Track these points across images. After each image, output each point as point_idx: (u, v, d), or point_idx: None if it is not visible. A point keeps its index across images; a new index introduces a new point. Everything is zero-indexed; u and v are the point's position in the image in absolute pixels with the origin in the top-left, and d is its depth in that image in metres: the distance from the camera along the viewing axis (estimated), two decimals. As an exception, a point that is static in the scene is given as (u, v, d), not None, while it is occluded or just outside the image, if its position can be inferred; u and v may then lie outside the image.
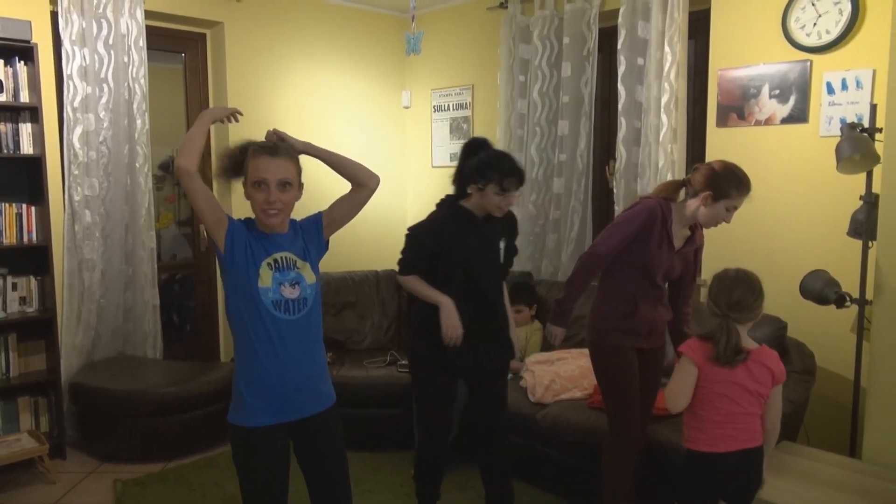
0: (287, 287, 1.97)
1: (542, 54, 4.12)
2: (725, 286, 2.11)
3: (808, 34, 3.15)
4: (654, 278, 2.54)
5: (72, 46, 3.56)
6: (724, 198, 2.40)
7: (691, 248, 2.61)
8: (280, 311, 1.95)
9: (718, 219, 2.46)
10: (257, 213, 1.98)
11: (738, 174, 2.43)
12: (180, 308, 4.97)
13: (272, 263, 1.97)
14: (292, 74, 4.56)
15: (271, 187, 1.93)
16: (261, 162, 1.93)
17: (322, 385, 2.08)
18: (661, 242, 2.50)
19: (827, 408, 3.10)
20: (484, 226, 2.60)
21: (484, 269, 2.59)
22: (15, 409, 3.48)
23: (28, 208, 3.44)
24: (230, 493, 3.15)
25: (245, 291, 1.94)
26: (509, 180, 2.48)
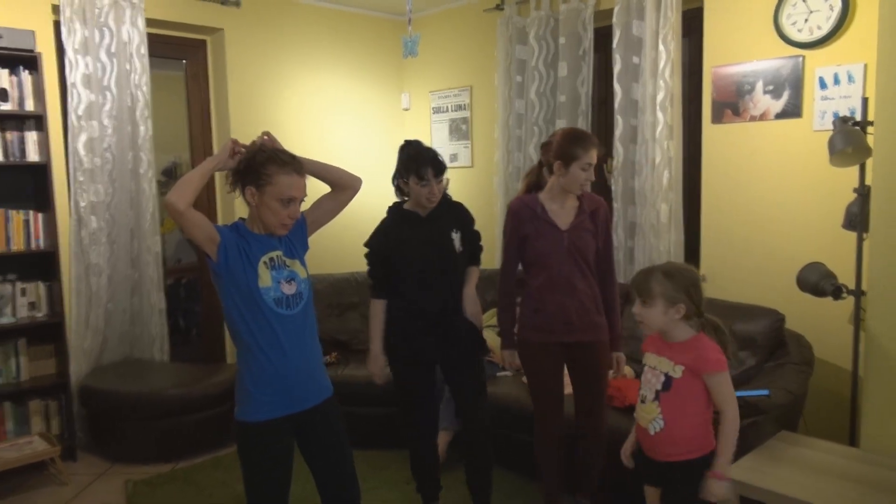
0: (285, 284, 2.04)
1: (539, 55, 4.17)
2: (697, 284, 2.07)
3: (799, 30, 3.19)
4: (553, 266, 2.59)
5: (75, 55, 3.61)
6: (573, 160, 2.53)
7: (583, 217, 2.62)
8: (282, 308, 2.02)
9: (579, 180, 2.55)
10: (273, 224, 2.03)
11: (576, 133, 2.60)
12: (186, 312, 5.03)
13: (268, 262, 2.03)
14: (292, 79, 4.62)
15: (298, 206, 2.03)
16: (292, 180, 2.00)
17: (321, 376, 2.16)
18: (540, 231, 2.60)
19: (826, 398, 3.14)
20: (429, 222, 2.71)
21: (435, 263, 2.69)
22: (26, 413, 3.54)
23: (35, 215, 3.49)
24: (238, 493, 3.20)
25: (245, 293, 1.99)
26: (423, 169, 2.60)
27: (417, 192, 2.65)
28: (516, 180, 4.37)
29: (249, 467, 2.08)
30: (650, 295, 2.04)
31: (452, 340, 2.72)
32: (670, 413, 2.04)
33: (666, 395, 2.05)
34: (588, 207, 2.65)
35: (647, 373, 2.14)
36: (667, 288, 2.03)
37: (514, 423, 3.19)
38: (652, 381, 2.10)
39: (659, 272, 2.07)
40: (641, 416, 2.12)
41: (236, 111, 4.35)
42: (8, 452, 3.28)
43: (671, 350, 2.08)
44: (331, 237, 4.73)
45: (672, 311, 2.03)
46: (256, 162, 2.02)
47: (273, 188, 1.99)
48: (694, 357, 2.02)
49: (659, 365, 2.10)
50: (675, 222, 3.63)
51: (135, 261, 3.96)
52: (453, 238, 2.72)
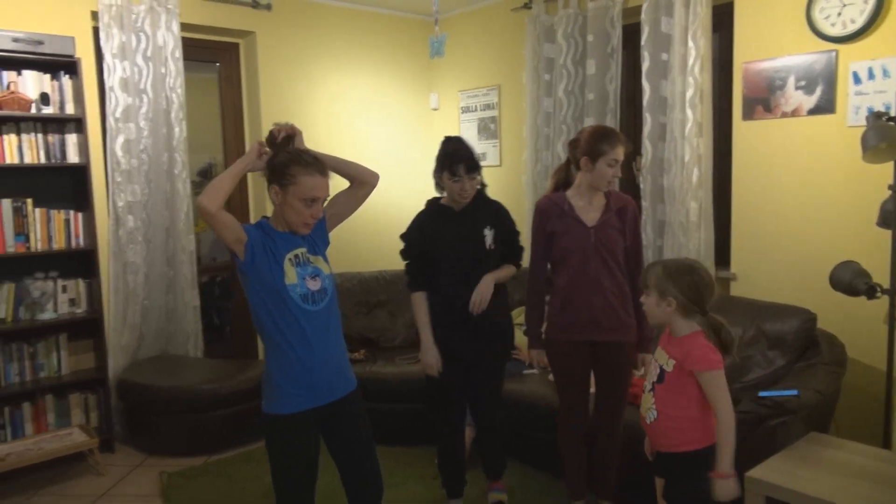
0: (310, 280, 2.09)
1: (567, 53, 4.16)
2: (706, 283, 2.06)
3: (833, 24, 3.13)
4: (579, 263, 2.60)
5: (113, 60, 3.72)
6: (600, 156, 2.55)
7: (610, 215, 2.63)
8: (308, 304, 2.07)
9: (606, 177, 2.57)
10: (296, 223, 2.08)
11: (603, 130, 2.61)
12: (220, 309, 5.13)
13: (293, 259, 2.08)
14: (322, 80, 4.68)
15: (321, 205, 2.08)
16: (315, 181, 2.05)
17: (346, 370, 2.21)
18: (567, 228, 2.62)
19: (859, 399, 3.08)
20: (462, 217, 2.77)
21: (467, 258, 2.75)
22: (67, 405, 3.66)
23: (75, 215, 3.61)
24: (268, 486, 3.24)
25: (272, 290, 2.04)
26: (456, 165, 2.67)
27: (450, 187, 2.74)
28: (544, 179, 4.37)
29: (277, 459, 2.13)
30: (646, 285, 2.11)
31: (481, 337, 2.77)
32: (662, 405, 2.07)
33: (659, 387, 2.08)
34: (615, 205, 2.66)
35: (651, 364, 2.19)
36: (660, 281, 2.05)
37: (539, 420, 3.20)
38: (652, 372, 2.14)
39: (660, 265, 2.10)
40: (642, 405, 2.17)
41: (268, 112, 4.43)
42: (50, 443, 3.40)
43: (670, 344, 2.10)
44: (360, 236, 4.80)
45: (664, 304, 2.05)
46: (281, 162, 2.07)
47: (297, 188, 2.04)
48: (684, 353, 2.03)
49: (658, 357, 2.13)
50: (705, 220, 3.58)
51: (170, 259, 4.06)
52: (485, 234, 2.77)
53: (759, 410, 2.54)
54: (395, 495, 3.10)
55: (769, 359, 3.03)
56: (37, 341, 3.58)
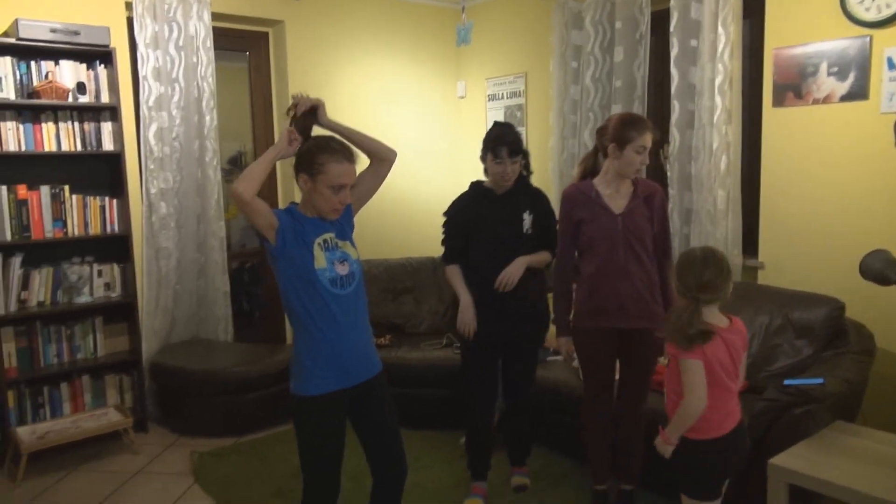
0: (338, 264, 2.13)
1: (595, 40, 4.14)
2: (695, 267, 2.06)
3: (867, 9, 3.07)
4: (607, 251, 2.60)
5: (146, 49, 3.80)
6: (628, 143, 2.55)
7: (637, 202, 2.64)
8: (336, 288, 2.11)
9: (634, 164, 2.57)
10: (325, 209, 2.13)
11: (631, 117, 2.62)
12: (250, 295, 5.22)
13: (322, 244, 2.13)
14: (350, 68, 4.72)
15: (348, 191, 2.12)
16: (343, 168, 2.10)
17: (372, 353, 2.25)
18: (594, 216, 2.62)
19: (888, 389, 3.04)
20: (503, 200, 2.84)
21: (504, 240, 2.81)
22: (102, 386, 3.78)
23: (110, 201, 3.71)
24: (297, 466, 3.27)
25: (302, 274, 2.09)
26: (499, 148, 2.75)
27: (493, 169, 2.81)
28: (571, 167, 4.36)
29: (305, 439, 2.18)
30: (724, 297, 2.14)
31: (517, 319, 2.83)
32: (668, 387, 2.17)
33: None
34: (642, 192, 2.66)
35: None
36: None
37: (563, 406, 3.22)
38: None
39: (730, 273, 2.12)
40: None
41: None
42: (87, 422, 3.52)
43: None
44: (386, 223, 4.85)
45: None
46: (309, 150, 2.11)
47: (325, 176, 2.08)
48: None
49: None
50: (733, 209, 3.55)
51: (201, 245, 4.15)
52: (524, 218, 2.84)
53: (783, 398, 2.53)
54: (420, 478, 3.15)
55: (796, 347, 3.01)
56: (74, 324, 3.70)
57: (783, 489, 2.28)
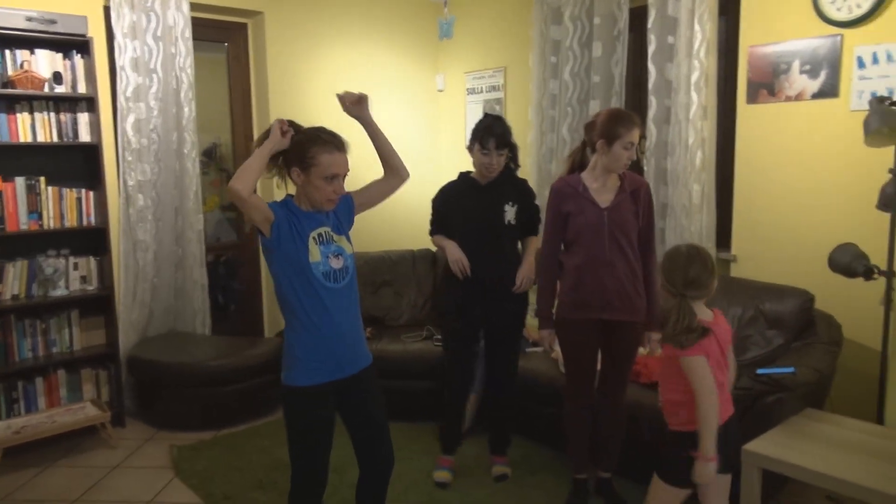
0: (332, 258, 2.15)
1: (574, 35, 4.18)
2: (680, 264, 2.09)
3: (838, 8, 3.15)
4: (593, 244, 2.64)
5: (123, 39, 3.76)
6: (616, 139, 2.59)
7: (624, 196, 2.68)
8: (330, 281, 2.13)
9: (622, 159, 2.62)
10: (320, 200, 2.13)
11: (619, 113, 2.65)
12: (225, 289, 5.19)
13: (317, 238, 2.14)
14: (329, 61, 4.71)
15: (342, 181, 2.14)
16: (334, 158, 2.11)
17: (363, 346, 2.28)
18: (581, 209, 2.67)
19: (854, 378, 3.14)
20: (487, 190, 2.92)
21: (484, 229, 2.90)
22: (79, 380, 3.74)
23: (87, 193, 3.67)
24: (276, 458, 3.35)
25: (296, 267, 2.11)
26: (485, 138, 2.83)
27: (479, 160, 2.89)
28: (549, 161, 4.41)
29: (295, 429, 2.20)
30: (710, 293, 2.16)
31: (499, 311, 2.93)
32: (662, 388, 2.17)
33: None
34: (629, 187, 2.71)
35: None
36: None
37: (542, 397, 3.28)
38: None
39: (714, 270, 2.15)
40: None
41: (276, 92, 4.47)
42: (63, 417, 3.49)
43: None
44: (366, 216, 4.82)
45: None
46: (299, 143, 2.12)
47: (317, 168, 2.10)
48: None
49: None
50: (708, 203, 3.63)
51: (178, 238, 4.12)
52: (506, 210, 2.91)
53: (756, 387, 2.61)
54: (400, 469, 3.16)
55: (767, 338, 3.10)
56: (49, 317, 3.65)
57: (756, 474, 2.35)
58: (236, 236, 4.72)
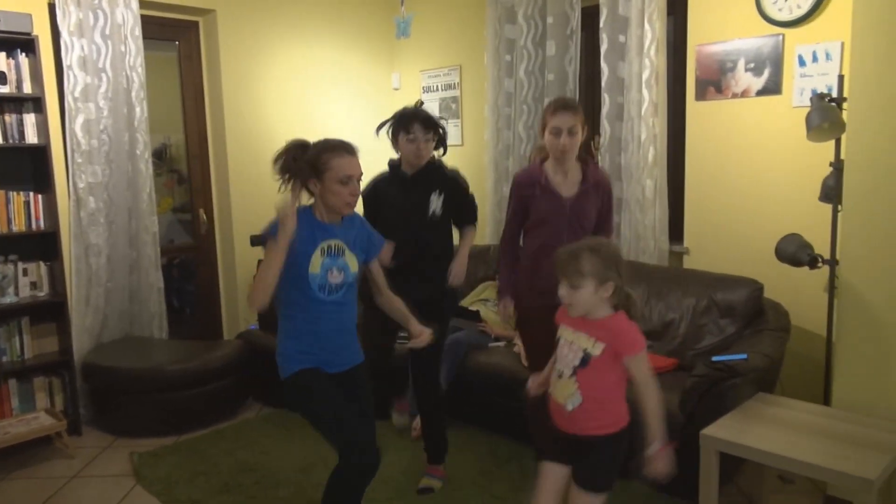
0: (334, 272, 2.23)
1: (527, 34, 4.25)
2: (619, 255, 2.04)
3: (780, 9, 3.29)
4: (552, 232, 2.68)
5: (70, 37, 3.65)
6: (545, 126, 2.66)
7: (586, 187, 2.71)
8: (324, 293, 2.22)
9: (553, 146, 2.66)
10: (338, 206, 2.21)
11: (551, 101, 2.74)
12: (180, 291, 5.10)
13: (324, 249, 2.21)
14: (284, 59, 4.67)
15: (355, 182, 2.20)
16: (345, 160, 2.19)
17: (350, 349, 2.34)
18: (542, 197, 2.71)
19: (801, 362, 3.30)
20: (413, 181, 2.87)
21: (410, 219, 2.86)
22: (31, 390, 3.63)
23: (35, 196, 3.55)
24: (242, 460, 3.33)
25: (295, 277, 2.19)
26: (411, 124, 2.76)
27: (405, 148, 2.82)
28: (506, 158, 4.47)
29: (309, 405, 2.24)
30: (580, 275, 1.95)
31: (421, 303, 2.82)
32: (588, 390, 1.99)
33: (583, 372, 1.99)
34: (591, 179, 2.74)
35: (563, 347, 2.06)
36: (597, 266, 1.95)
37: (504, 390, 3.33)
38: (569, 356, 2.03)
39: (586, 250, 1.98)
40: (558, 392, 2.06)
41: (230, 91, 4.41)
42: (17, 427, 3.38)
43: (589, 326, 2.01)
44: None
45: (602, 290, 1.96)
46: (310, 157, 2.18)
47: (331, 172, 2.17)
48: (615, 337, 1.97)
49: (577, 340, 2.02)
50: (660, 197, 3.74)
51: (133, 240, 4.03)
52: (431, 200, 2.86)
53: (712, 374, 2.71)
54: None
55: (721, 327, 3.23)
56: (-2, 325, 3.53)
57: (714, 457, 2.45)
58: (191, 238, 4.64)
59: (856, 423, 2.52)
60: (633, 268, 3.60)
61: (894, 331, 2.56)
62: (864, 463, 2.21)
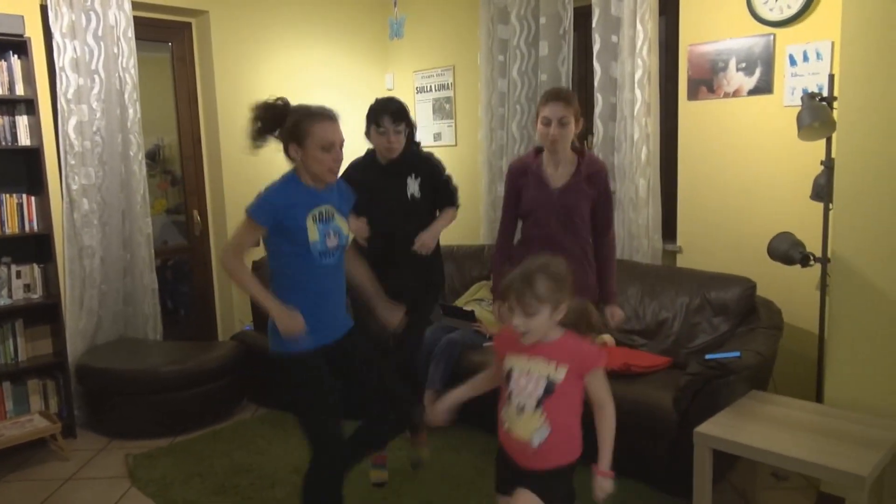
0: (331, 236, 2.25)
1: (520, 34, 4.26)
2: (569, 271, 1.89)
3: (770, 9, 3.31)
4: (541, 223, 2.68)
5: (63, 39, 3.64)
6: (537, 116, 2.66)
7: (578, 179, 2.67)
8: (324, 258, 2.24)
9: (544, 135, 2.64)
10: (321, 171, 2.21)
11: (544, 92, 2.73)
12: (174, 293, 5.10)
13: (316, 216, 2.23)
14: (277, 60, 4.67)
15: (337, 149, 2.21)
16: (326, 126, 2.20)
17: (344, 314, 2.41)
18: (531, 186, 2.71)
19: (794, 359, 3.32)
20: (389, 169, 2.90)
21: (388, 206, 2.88)
22: (25, 392, 3.62)
23: (28, 198, 3.55)
24: (238, 462, 3.33)
25: (295, 244, 2.20)
26: (381, 117, 2.80)
27: (377, 141, 2.85)
28: (500, 158, 4.49)
29: (297, 397, 2.27)
30: (537, 300, 1.79)
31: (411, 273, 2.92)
32: (557, 418, 1.83)
33: (550, 401, 1.83)
34: (585, 171, 2.69)
35: (519, 379, 1.86)
36: (551, 289, 1.81)
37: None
38: (529, 387, 1.84)
39: (537, 272, 1.82)
40: (521, 428, 1.86)
41: (223, 92, 4.41)
42: (11, 430, 3.37)
43: (545, 350, 1.86)
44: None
45: (556, 314, 1.84)
46: (293, 122, 2.20)
47: (312, 139, 2.18)
48: (576, 355, 1.85)
49: (534, 368, 1.86)
50: (653, 196, 3.76)
51: (126, 242, 4.03)
52: (408, 183, 2.90)
53: (705, 372, 2.72)
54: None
55: (714, 325, 3.25)
56: (-9, 328, 3.53)
57: (708, 454, 2.47)
58: (186, 239, 4.63)
59: (848, 420, 2.54)
60: (626, 267, 3.63)
61: (886, 328, 2.58)
62: (856, 459, 2.23)
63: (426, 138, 5.08)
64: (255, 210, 2.19)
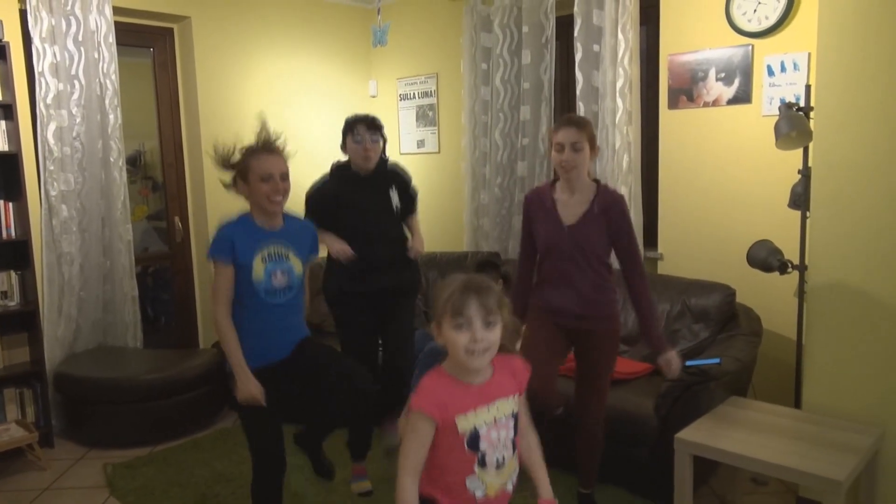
0: (278, 275, 2.32)
1: (503, 43, 4.29)
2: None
3: (749, 20, 3.37)
4: (554, 257, 2.59)
5: (42, 44, 3.61)
6: (552, 143, 2.58)
7: (591, 214, 2.54)
8: (270, 297, 2.33)
9: (558, 161, 2.55)
10: (262, 203, 2.29)
11: (560, 119, 2.70)
12: (154, 300, 5.05)
13: (265, 257, 2.30)
14: (260, 66, 4.65)
15: (276, 179, 2.27)
16: (263, 159, 2.29)
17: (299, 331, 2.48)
18: (544, 222, 2.62)
19: (773, 365, 3.36)
20: (369, 180, 2.95)
21: (376, 219, 2.94)
22: (1, 401, 3.56)
23: (6, 204, 3.50)
24: (218, 471, 3.30)
25: (242, 282, 2.30)
26: (357, 127, 2.87)
27: (354, 151, 2.90)
28: (483, 165, 4.50)
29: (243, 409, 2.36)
30: (499, 306, 1.56)
31: (395, 289, 2.97)
32: (520, 451, 1.68)
33: (517, 437, 1.66)
34: (600, 204, 2.55)
35: (490, 434, 1.58)
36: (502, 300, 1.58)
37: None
38: (502, 436, 1.60)
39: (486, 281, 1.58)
40: (498, 482, 1.61)
41: (204, 98, 4.39)
42: (-14, 439, 3.32)
43: (495, 387, 1.62)
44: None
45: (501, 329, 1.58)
46: (238, 160, 2.32)
47: (252, 173, 2.29)
48: (516, 374, 1.67)
49: (499, 411, 1.60)
50: (635, 204, 3.79)
51: (106, 249, 3.99)
52: (391, 196, 2.98)
53: (686, 378, 2.75)
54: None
55: (694, 331, 3.28)
56: (-34, 336, 3.47)
57: (688, 460, 2.49)
58: (167, 246, 4.59)
59: (825, 426, 2.57)
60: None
61: (862, 334, 2.62)
62: (833, 464, 2.26)
63: (409, 145, 5.10)
64: (214, 248, 2.29)
